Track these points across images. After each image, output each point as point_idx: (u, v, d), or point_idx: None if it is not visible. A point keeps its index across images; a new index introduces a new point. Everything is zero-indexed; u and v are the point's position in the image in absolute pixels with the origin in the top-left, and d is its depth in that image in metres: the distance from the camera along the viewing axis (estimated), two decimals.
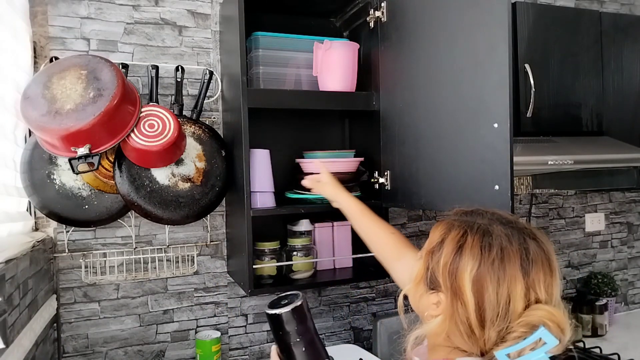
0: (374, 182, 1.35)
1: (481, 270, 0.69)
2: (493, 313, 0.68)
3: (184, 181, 1.31)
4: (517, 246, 0.70)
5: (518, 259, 0.69)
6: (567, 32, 1.60)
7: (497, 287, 0.68)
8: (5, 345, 0.85)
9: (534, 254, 0.71)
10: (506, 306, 0.68)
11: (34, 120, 1.08)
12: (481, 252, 0.70)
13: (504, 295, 0.68)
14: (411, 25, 1.19)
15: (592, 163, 1.48)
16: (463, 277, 0.70)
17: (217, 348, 1.42)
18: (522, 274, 0.69)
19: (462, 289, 0.70)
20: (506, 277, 0.68)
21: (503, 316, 0.68)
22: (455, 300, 0.71)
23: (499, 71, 0.94)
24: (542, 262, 0.71)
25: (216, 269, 1.50)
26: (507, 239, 0.71)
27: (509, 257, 0.69)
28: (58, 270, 1.33)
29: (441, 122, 1.09)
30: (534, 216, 2.00)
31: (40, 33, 1.31)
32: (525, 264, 0.69)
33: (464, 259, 0.71)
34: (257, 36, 1.35)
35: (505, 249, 0.70)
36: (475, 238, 0.72)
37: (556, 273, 0.72)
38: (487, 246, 0.71)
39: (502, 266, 0.69)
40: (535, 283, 0.69)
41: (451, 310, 0.72)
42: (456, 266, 0.71)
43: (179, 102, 1.38)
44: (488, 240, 0.71)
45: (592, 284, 2.05)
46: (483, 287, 0.69)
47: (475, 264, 0.70)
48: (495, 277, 0.68)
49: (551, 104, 1.57)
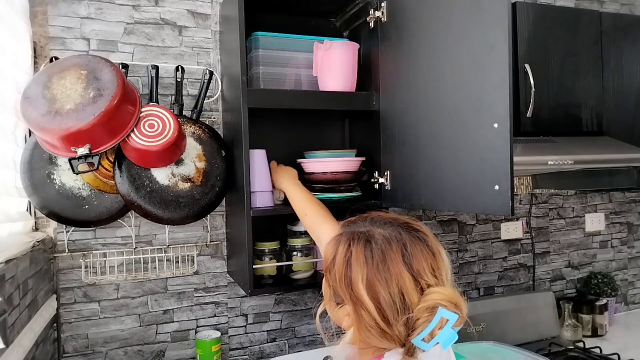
0: (374, 182, 1.35)
1: (369, 276, 0.75)
2: (392, 310, 0.74)
3: (184, 181, 1.31)
4: (396, 244, 0.77)
5: (400, 256, 0.76)
6: (567, 32, 1.60)
7: (387, 287, 0.74)
8: (5, 345, 0.85)
9: (411, 246, 0.77)
10: (402, 301, 0.74)
11: (34, 120, 1.08)
12: (365, 259, 0.76)
13: (396, 292, 0.74)
14: (411, 25, 1.19)
15: (592, 163, 1.48)
16: (358, 286, 0.76)
17: (217, 348, 1.42)
18: (406, 269, 0.75)
19: (360, 297, 0.75)
20: (392, 276, 0.74)
21: (403, 310, 0.73)
22: (359, 307, 0.77)
23: (499, 71, 0.94)
24: (422, 250, 0.77)
25: (216, 269, 1.50)
26: (386, 241, 0.77)
27: (391, 257, 0.76)
28: (58, 270, 1.33)
29: (441, 122, 1.09)
30: (534, 216, 2.00)
31: (40, 33, 1.31)
32: (407, 259, 0.75)
33: (354, 269, 0.77)
34: (257, 36, 1.35)
35: (386, 250, 0.76)
36: (359, 248, 0.78)
37: (438, 253, 0.78)
38: (369, 253, 0.77)
39: (386, 267, 0.75)
40: (420, 272, 0.75)
41: (358, 318, 0.77)
42: (349, 278, 0.77)
43: (179, 102, 1.39)
44: (369, 247, 0.77)
45: (592, 284, 2.05)
46: (376, 291, 0.74)
47: (363, 272, 0.76)
48: (383, 279, 0.74)
49: (551, 104, 1.57)
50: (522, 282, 1.99)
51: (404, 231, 0.79)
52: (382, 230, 0.79)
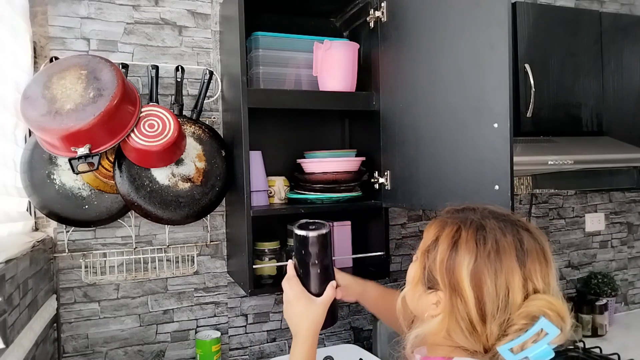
0: (374, 182, 1.36)
1: (478, 263, 0.69)
2: (493, 306, 0.68)
3: (184, 181, 1.31)
4: (512, 238, 0.71)
5: (513, 250, 0.70)
6: (567, 32, 1.60)
7: (495, 279, 0.68)
8: (5, 345, 0.85)
9: (528, 244, 0.71)
10: (505, 298, 0.68)
11: (34, 120, 1.08)
12: (476, 245, 0.70)
13: (503, 287, 0.68)
14: (411, 25, 1.19)
15: (592, 163, 1.48)
16: (461, 272, 0.70)
17: (217, 348, 1.42)
18: (518, 265, 0.69)
19: (460, 284, 0.70)
20: (503, 268, 0.69)
21: (503, 308, 0.68)
22: (455, 296, 0.71)
23: (499, 71, 0.94)
24: (537, 252, 0.71)
25: (216, 269, 1.50)
26: (500, 232, 0.71)
27: (504, 249, 0.70)
28: (58, 270, 1.33)
29: (441, 122, 1.09)
30: (534, 216, 2.00)
31: (40, 33, 1.31)
32: (521, 255, 0.70)
33: (460, 254, 0.71)
34: (257, 36, 1.35)
35: (500, 241, 0.70)
36: (470, 232, 0.72)
37: (551, 263, 0.72)
38: (481, 239, 0.71)
39: (499, 258, 0.69)
40: (532, 273, 0.69)
41: (451, 307, 0.71)
42: (453, 262, 0.71)
43: (179, 102, 1.39)
44: (482, 233, 0.71)
45: (592, 284, 2.05)
46: (481, 281, 0.69)
47: (471, 258, 0.70)
48: (492, 269, 0.69)
49: (551, 104, 1.57)
50: None
51: (521, 229, 0.73)
52: (496, 221, 0.73)
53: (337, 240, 1.49)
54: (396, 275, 1.72)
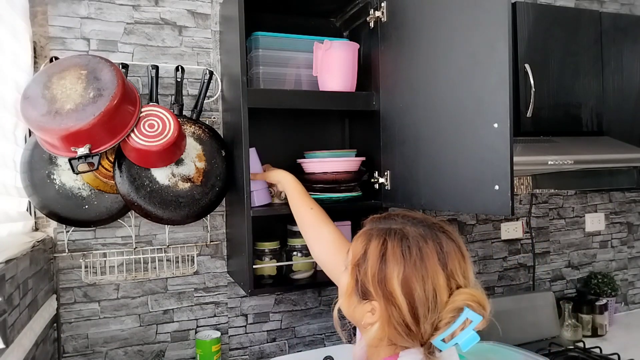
0: (374, 182, 1.35)
1: (407, 272, 0.75)
2: (424, 308, 0.74)
3: (184, 181, 1.31)
4: (432, 243, 0.77)
5: (435, 255, 0.76)
6: (567, 32, 1.60)
7: (423, 284, 0.74)
8: (5, 345, 0.85)
9: (447, 247, 0.78)
10: (434, 299, 0.74)
11: (34, 120, 1.08)
12: (403, 256, 0.76)
13: (430, 290, 0.74)
14: (411, 25, 1.19)
15: (592, 163, 1.48)
16: (392, 282, 0.75)
17: (217, 348, 1.42)
18: (441, 268, 0.76)
19: (393, 293, 0.75)
20: (429, 273, 0.75)
21: (433, 308, 0.74)
22: (389, 305, 0.76)
23: (499, 71, 0.94)
24: (455, 251, 0.78)
25: (216, 269, 1.50)
26: (422, 239, 0.78)
27: (427, 255, 0.76)
28: (58, 270, 1.33)
29: (441, 122, 1.09)
30: (534, 216, 2.00)
31: (40, 33, 1.31)
32: (442, 257, 0.76)
33: (389, 266, 0.76)
34: (257, 36, 1.35)
35: (423, 248, 0.77)
36: (395, 244, 0.78)
37: (467, 258, 0.80)
38: (406, 250, 0.77)
39: (423, 265, 0.75)
40: (453, 272, 0.76)
41: (387, 315, 0.77)
42: (384, 274, 0.77)
43: (179, 102, 1.38)
44: (406, 243, 0.77)
45: (592, 284, 2.05)
46: (411, 288, 0.75)
47: (400, 268, 0.76)
48: (419, 276, 0.75)
49: (551, 104, 1.57)
50: (522, 282, 1.99)
51: (438, 231, 0.80)
52: (415, 228, 0.79)
53: None
54: None
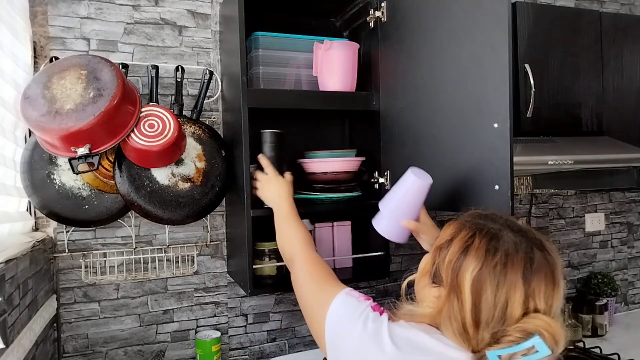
0: (374, 182, 1.36)
1: (483, 271, 0.71)
2: (488, 315, 0.70)
3: (184, 181, 1.31)
4: (523, 255, 0.72)
5: (521, 267, 0.71)
6: (567, 32, 1.60)
7: (496, 290, 0.70)
8: (5, 345, 0.85)
9: (538, 264, 0.71)
10: (503, 310, 0.69)
11: (34, 120, 1.08)
12: (485, 255, 0.72)
13: (502, 299, 0.69)
14: (411, 25, 1.19)
15: (592, 163, 1.48)
16: (464, 275, 0.72)
17: (217, 348, 1.42)
18: (522, 282, 0.70)
19: (461, 287, 0.72)
20: (506, 282, 0.70)
21: (498, 320, 0.69)
22: (453, 296, 0.73)
23: (499, 71, 0.94)
24: (546, 273, 0.72)
25: (216, 269, 1.50)
26: (513, 246, 0.72)
27: (512, 263, 0.71)
28: (58, 270, 1.33)
29: (441, 122, 1.09)
30: (534, 216, 2.00)
31: (40, 33, 1.31)
32: (528, 273, 0.70)
33: (468, 259, 0.73)
34: (257, 36, 1.35)
35: (510, 255, 0.71)
36: (483, 241, 0.74)
37: (559, 286, 0.73)
38: (492, 250, 0.72)
39: (504, 271, 0.70)
40: (535, 292, 0.70)
41: (448, 305, 0.73)
42: (460, 264, 0.73)
43: (179, 102, 1.38)
44: (494, 244, 0.73)
45: (592, 284, 2.05)
46: (482, 289, 0.70)
47: (477, 264, 0.72)
48: (495, 280, 0.70)
49: (551, 104, 1.57)
50: None
51: (536, 247, 0.74)
52: (512, 234, 0.74)
53: (337, 240, 1.49)
54: (396, 275, 1.72)
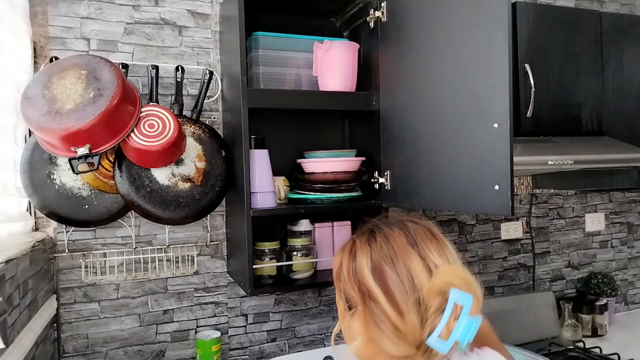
0: (374, 182, 1.36)
1: (374, 259, 0.73)
2: (402, 294, 0.69)
3: (184, 181, 1.31)
4: (398, 229, 0.76)
5: (403, 237, 0.74)
6: (567, 32, 1.60)
7: (393, 265, 0.71)
8: (5, 345, 0.85)
9: (414, 229, 0.75)
10: (410, 280, 0.70)
11: (34, 120, 1.08)
12: (369, 245, 0.75)
13: (403, 270, 0.71)
14: (411, 25, 1.19)
15: (592, 163, 1.48)
16: (364, 274, 0.73)
17: (217, 348, 1.42)
18: (410, 247, 0.73)
19: (367, 285, 0.72)
20: (397, 254, 0.72)
21: (412, 292, 0.69)
22: (368, 300, 0.72)
23: (499, 71, 0.94)
24: (425, 234, 0.75)
25: (216, 269, 1.50)
26: (387, 227, 0.77)
27: (393, 238, 0.74)
28: (58, 270, 1.33)
29: (441, 122, 1.09)
30: (534, 216, 2.00)
31: (40, 33, 1.31)
32: (410, 239, 0.74)
33: (359, 258, 0.75)
34: (257, 36, 1.35)
35: (388, 234, 0.75)
36: (362, 239, 0.77)
37: (443, 240, 0.76)
38: (372, 239, 0.76)
39: (390, 247, 0.73)
40: (426, 251, 0.72)
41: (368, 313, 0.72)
42: (354, 269, 0.75)
43: (179, 102, 1.39)
44: (372, 235, 0.77)
45: (592, 284, 2.05)
46: (382, 272, 0.72)
47: (368, 256, 0.74)
48: (388, 257, 0.72)
49: (551, 104, 1.57)
50: (522, 282, 1.99)
51: (408, 222, 0.78)
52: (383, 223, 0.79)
53: (337, 240, 1.49)
54: None
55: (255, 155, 1.31)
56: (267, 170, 1.33)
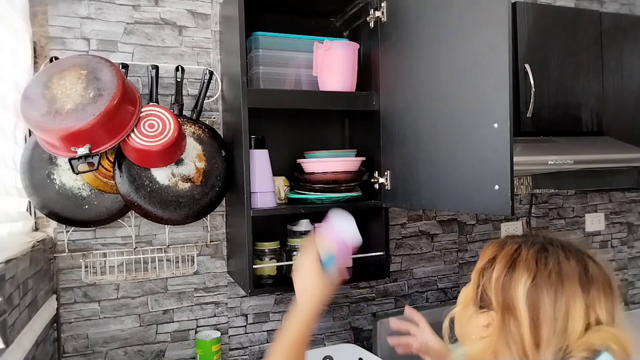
0: (374, 182, 1.36)
1: (537, 282, 0.65)
2: (549, 329, 0.63)
3: (184, 181, 1.31)
4: (575, 263, 0.67)
5: (577, 275, 0.66)
6: (567, 32, 1.60)
7: (555, 300, 0.64)
8: (5, 345, 0.85)
9: (593, 271, 0.67)
10: (564, 323, 0.63)
11: (34, 120, 1.08)
12: (536, 264, 0.67)
13: (562, 310, 0.63)
14: (411, 25, 1.19)
15: (592, 163, 1.48)
16: (517, 290, 0.66)
17: (217, 348, 1.42)
18: (581, 290, 0.64)
19: (515, 302, 0.66)
20: (564, 290, 0.64)
21: (560, 334, 0.63)
22: (508, 315, 0.66)
23: (499, 71, 0.94)
24: (603, 281, 0.67)
25: (216, 269, 1.50)
26: (564, 255, 0.68)
27: (567, 271, 0.66)
28: (58, 270, 1.33)
29: (441, 122, 1.09)
30: (534, 216, 2.00)
31: (40, 33, 1.31)
32: (584, 281, 0.65)
33: (518, 271, 0.67)
34: (257, 36, 1.35)
35: (563, 263, 0.66)
36: (530, 252, 0.69)
37: (617, 295, 0.69)
38: (542, 259, 0.67)
39: (560, 280, 0.65)
40: (595, 302, 0.65)
41: (502, 327, 0.67)
42: (509, 279, 0.67)
43: (179, 102, 1.38)
44: (544, 254, 0.68)
45: None
46: (539, 300, 0.64)
47: (530, 276, 0.66)
48: (552, 289, 0.64)
49: (551, 104, 1.57)
50: None
51: (585, 256, 0.69)
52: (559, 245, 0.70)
53: None
54: (396, 275, 1.72)
55: (255, 155, 1.31)
56: (267, 170, 1.33)
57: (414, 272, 1.76)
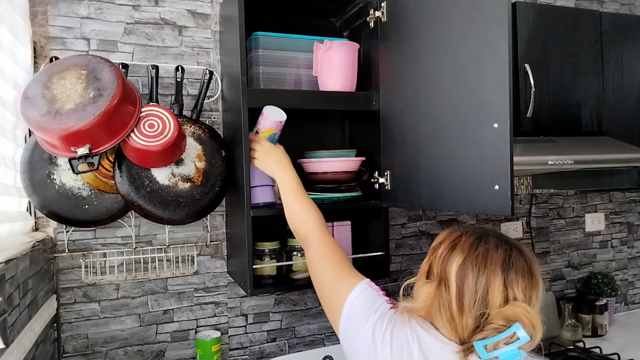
0: (374, 182, 1.35)
1: (466, 262, 0.83)
2: (471, 300, 0.80)
3: (184, 181, 1.31)
4: (502, 251, 0.83)
5: (500, 260, 0.82)
6: (567, 32, 1.60)
7: (477, 276, 0.80)
8: (5, 345, 0.85)
9: (515, 260, 0.82)
10: (484, 295, 0.79)
11: (34, 120, 1.08)
12: (469, 249, 0.84)
13: (482, 284, 0.80)
14: (411, 25, 1.19)
15: (592, 163, 1.48)
16: (451, 267, 0.84)
17: (217, 348, 1.42)
18: (501, 271, 0.81)
19: (448, 276, 0.83)
20: (486, 270, 0.81)
21: (480, 303, 0.79)
22: (442, 285, 0.84)
23: (499, 71, 0.94)
24: (523, 268, 0.82)
25: (216, 269, 1.50)
26: (494, 246, 0.84)
27: (492, 256, 0.82)
28: (58, 270, 1.33)
29: (441, 122, 1.09)
30: (534, 216, 2.00)
31: (40, 33, 1.31)
32: (506, 265, 0.81)
33: (455, 253, 0.85)
34: (257, 36, 1.35)
35: (491, 249, 0.83)
36: (469, 239, 0.86)
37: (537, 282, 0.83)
38: (475, 245, 0.84)
39: (484, 261, 0.82)
40: (513, 282, 0.80)
41: (438, 294, 0.84)
42: (448, 257, 0.86)
43: (179, 102, 1.38)
44: (478, 242, 0.85)
45: (592, 284, 2.05)
46: (465, 276, 0.81)
47: (462, 257, 0.84)
48: (476, 268, 0.81)
49: (551, 104, 1.57)
50: None
51: (515, 249, 0.84)
52: (496, 239, 0.86)
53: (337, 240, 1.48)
54: (396, 275, 1.72)
55: None
56: None
57: (414, 272, 1.76)
